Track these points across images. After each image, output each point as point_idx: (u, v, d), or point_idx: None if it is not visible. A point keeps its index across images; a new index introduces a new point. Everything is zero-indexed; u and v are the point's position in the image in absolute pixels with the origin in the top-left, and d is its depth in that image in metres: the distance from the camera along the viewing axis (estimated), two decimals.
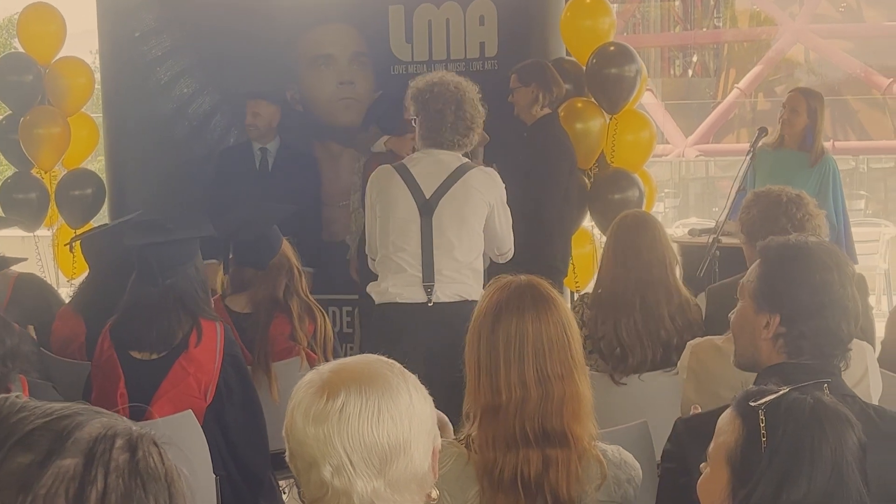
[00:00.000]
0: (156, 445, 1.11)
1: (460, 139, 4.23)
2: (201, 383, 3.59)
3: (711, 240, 4.83)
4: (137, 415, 3.47)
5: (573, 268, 5.93)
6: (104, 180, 7.07)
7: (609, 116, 6.07)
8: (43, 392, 3.13)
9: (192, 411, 3.45)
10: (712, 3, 25.13)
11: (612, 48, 6.06)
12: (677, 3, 25.38)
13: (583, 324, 3.82)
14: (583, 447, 2.35)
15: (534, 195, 5.27)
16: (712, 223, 5.35)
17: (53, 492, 1.03)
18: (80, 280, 4.85)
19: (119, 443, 1.08)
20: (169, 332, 3.60)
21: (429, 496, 1.69)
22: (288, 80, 6.45)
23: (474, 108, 4.24)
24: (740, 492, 1.85)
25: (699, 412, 2.50)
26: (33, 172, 7.14)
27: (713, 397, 2.86)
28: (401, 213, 4.19)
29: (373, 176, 4.37)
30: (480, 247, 4.28)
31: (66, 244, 5.18)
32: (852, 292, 2.35)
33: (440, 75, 4.35)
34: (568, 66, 6.10)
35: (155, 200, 6.32)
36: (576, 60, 6.17)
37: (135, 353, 3.62)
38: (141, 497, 1.06)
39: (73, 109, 7.17)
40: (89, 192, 7.05)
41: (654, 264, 3.82)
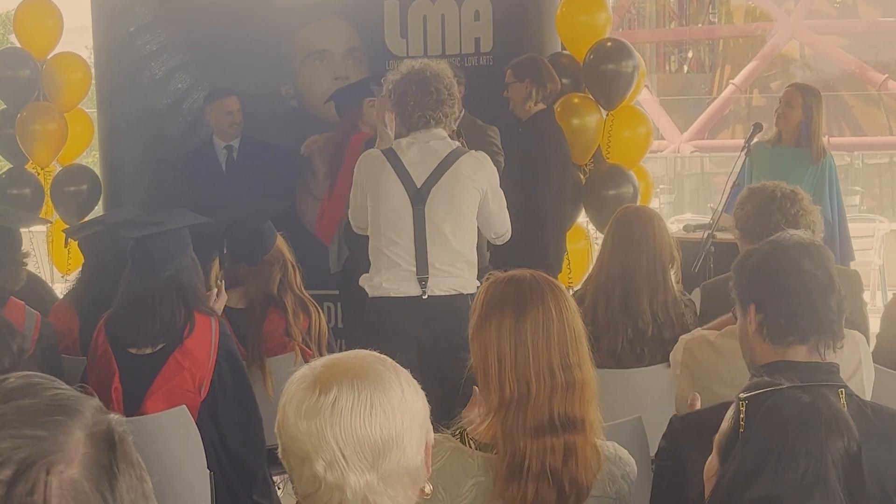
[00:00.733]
0: (48, 474, 0.98)
1: (432, 113, 4.17)
2: (196, 378, 3.59)
3: (706, 235, 4.83)
4: (131, 410, 3.48)
5: (568, 263, 5.93)
6: (99, 176, 7.06)
7: (606, 112, 6.07)
8: None
9: (186, 406, 3.45)
10: None
11: (610, 44, 6.06)
12: None
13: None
14: (594, 435, 2.37)
15: (527, 190, 5.26)
16: (707, 219, 5.34)
17: None
18: (74, 275, 4.84)
19: (4, 473, 0.97)
20: (171, 324, 3.60)
21: (422, 491, 1.69)
22: (283, 76, 6.44)
23: (439, 80, 4.17)
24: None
25: (696, 408, 2.50)
26: (27, 168, 7.12)
27: (707, 393, 2.85)
28: (392, 204, 4.17)
29: (362, 158, 4.33)
30: (474, 236, 4.27)
31: (63, 231, 5.17)
32: (830, 274, 2.36)
33: (408, 64, 4.31)
34: (565, 62, 6.10)
35: (150, 195, 6.31)
36: (573, 55, 6.17)
37: (131, 348, 3.62)
38: None
39: (70, 105, 7.15)
40: (84, 188, 7.03)
41: (644, 257, 3.82)
